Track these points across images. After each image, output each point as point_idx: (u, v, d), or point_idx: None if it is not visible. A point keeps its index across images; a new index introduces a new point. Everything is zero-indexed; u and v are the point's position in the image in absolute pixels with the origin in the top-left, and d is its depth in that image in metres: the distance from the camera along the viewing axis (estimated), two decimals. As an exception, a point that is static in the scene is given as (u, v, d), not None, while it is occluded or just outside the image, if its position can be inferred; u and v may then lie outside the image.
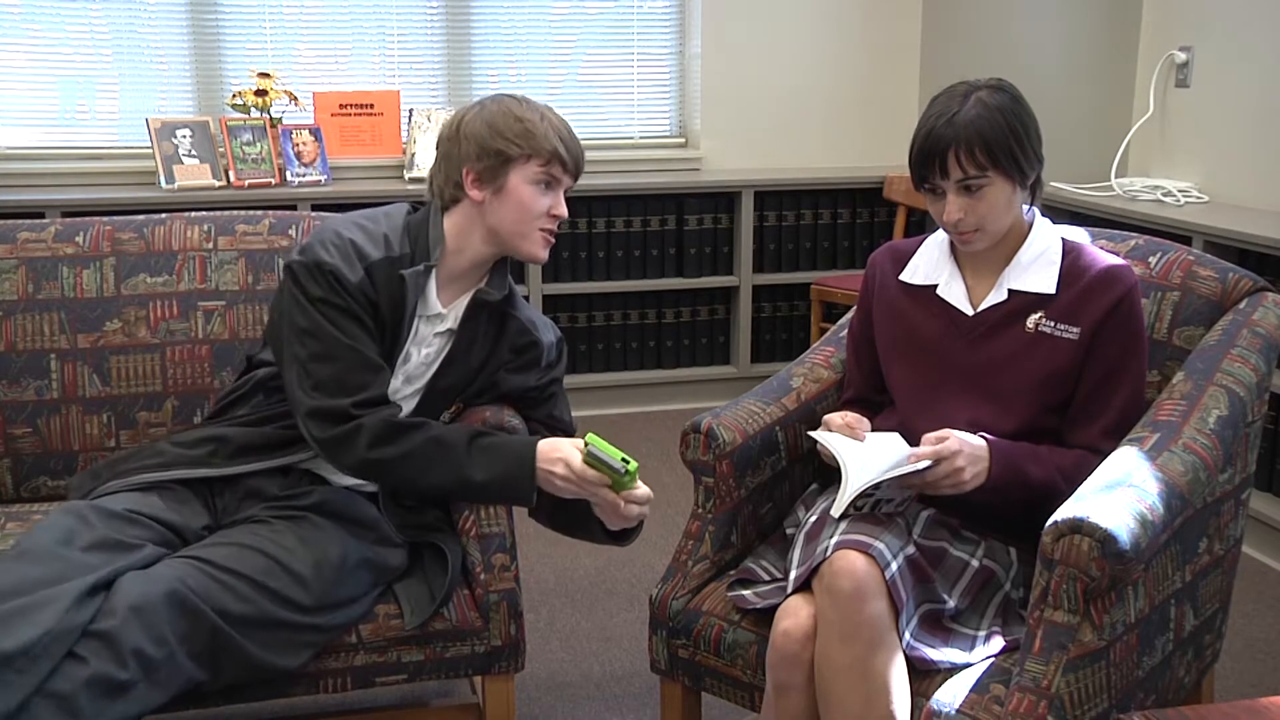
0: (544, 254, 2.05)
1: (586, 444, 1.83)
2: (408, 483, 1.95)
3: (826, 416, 1.96)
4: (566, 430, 2.21)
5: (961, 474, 1.80)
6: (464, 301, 2.07)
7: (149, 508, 1.90)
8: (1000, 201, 1.88)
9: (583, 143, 2.07)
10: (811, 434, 1.94)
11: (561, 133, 2.01)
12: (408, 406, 2.07)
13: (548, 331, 2.19)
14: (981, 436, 1.84)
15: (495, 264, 2.10)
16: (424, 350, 2.07)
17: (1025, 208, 1.96)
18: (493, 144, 1.97)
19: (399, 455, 1.90)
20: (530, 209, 1.99)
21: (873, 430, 1.97)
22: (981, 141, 1.84)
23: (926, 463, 1.79)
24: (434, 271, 2.03)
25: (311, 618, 1.88)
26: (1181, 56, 3.94)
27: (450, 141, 2.02)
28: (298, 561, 1.87)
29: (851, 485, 1.79)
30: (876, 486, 1.81)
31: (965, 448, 1.80)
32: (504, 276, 2.10)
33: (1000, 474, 1.82)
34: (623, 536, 2.03)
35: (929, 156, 1.86)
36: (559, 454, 1.88)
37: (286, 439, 2.03)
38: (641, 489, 1.89)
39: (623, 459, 1.83)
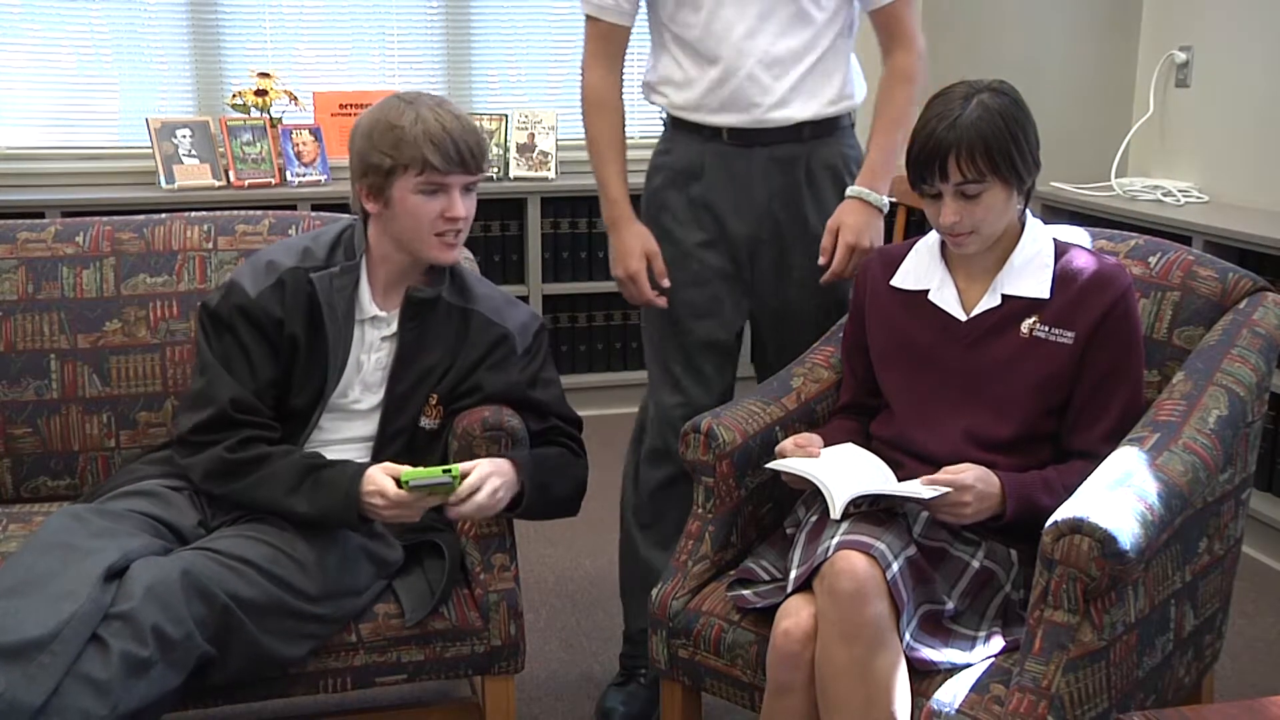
0: (450, 256, 2.04)
1: (405, 482, 1.85)
2: (251, 507, 1.95)
3: (778, 446, 1.96)
4: (573, 422, 2.20)
5: (964, 509, 1.79)
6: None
7: (140, 506, 1.93)
8: (996, 206, 1.88)
9: (582, 143, 2.07)
10: (769, 465, 1.94)
11: (434, 134, 1.94)
12: (371, 420, 2.08)
13: (518, 316, 2.16)
14: (997, 474, 1.82)
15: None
16: (374, 356, 2.08)
17: (1018, 208, 1.96)
18: (370, 159, 1.98)
19: (229, 491, 1.95)
20: (418, 218, 1.99)
21: (859, 444, 1.98)
22: (983, 146, 1.83)
23: (936, 491, 1.78)
24: (363, 273, 2.06)
25: (317, 606, 1.89)
26: (1181, 56, 3.94)
27: (350, 154, 2.05)
28: (301, 550, 1.89)
29: (837, 492, 1.79)
30: (878, 498, 1.82)
31: (978, 485, 1.79)
32: (441, 271, 2.10)
33: (1016, 511, 1.81)
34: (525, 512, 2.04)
35: (929, 159, 1.85)
36: (373, 486, 1.88)
37: None
38: (466, 493, 1.89)
39: (444, 470, 1.86)
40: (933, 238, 2.04)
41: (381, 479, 1.88)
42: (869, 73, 2.40)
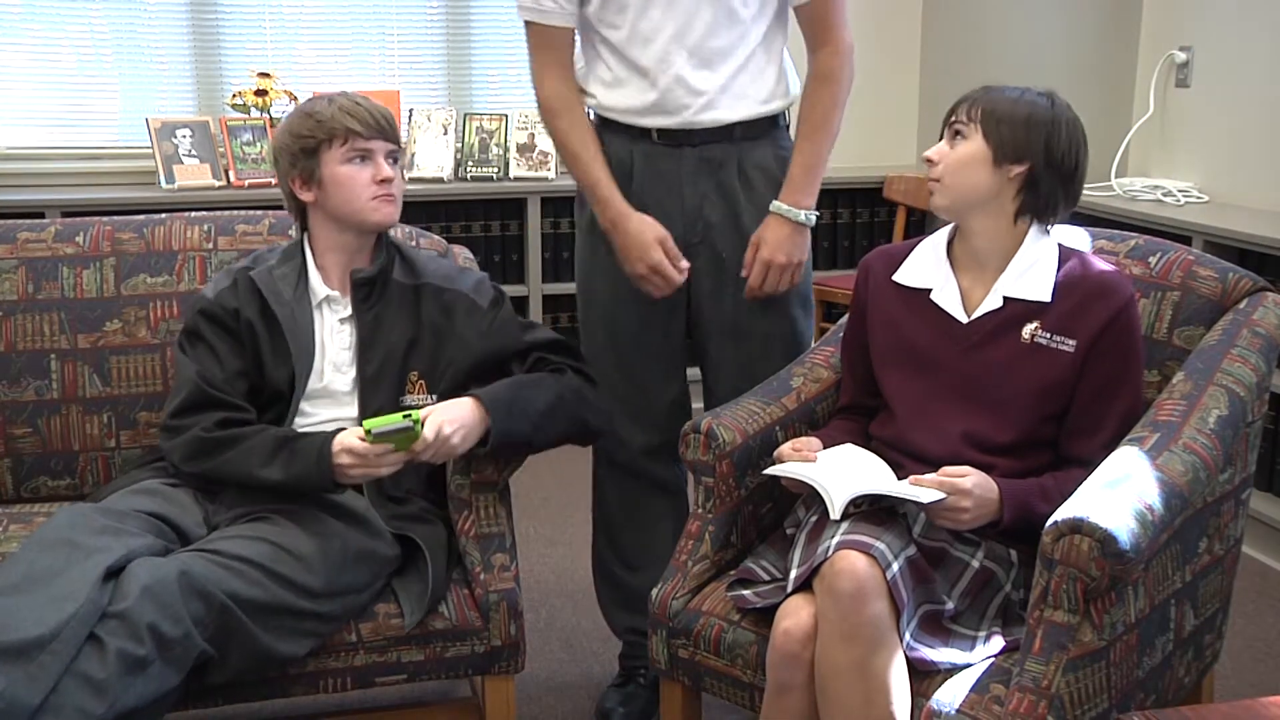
0: (391, 215, 2.14)
1: (368, 431, 1.89)
2: (228, 482, 2.01)
3: (776, 451, 1.96)
4: (568, 349, 2.22)
5: (963, 514, 1.79)
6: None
7: (144, 505, 1.95)
8: (968, 160, 1.90)
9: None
10: (767, 471, 1.94)
11: (349, 108, 2.10)
12: (352, 402, 2.12)
13: (468, 279, 2.22)
14: (995, 480, 1.82)
15: (376, 241, 2.19)
16: (336, 337, 2.14)
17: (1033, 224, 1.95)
18: (295, 146, 2.11)
19: (207, 468, 2.01)
20: (352, 186, 2.10)
21: (859, 445, 1.98)
22: (987, 103, 1.91)
23: (937, 495, 1.77)
24: (308, 260, 2.15)
25: (317, 604, 1.90)
26: (1181, 56, 3.94)
27: (274, 164, 2.18)
28: (304, 547, 1.90)
29: (836, 493, 1.79)
30: (877, 498, 1.82)
31: (977, 490, 1.79)
32: (380, 250, 2.18)
33: (1013, 518, 1.81)
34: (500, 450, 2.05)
35: (955, 102, 1.95)
36: (341, 445, 1.94)
37: None
38: (426, 425, 1.94)
39: (404, 416, 1.90)
40: (938, 236, 2.04)
41: (348, 437, 1.94)
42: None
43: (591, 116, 2.34)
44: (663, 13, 2.16)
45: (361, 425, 1.92)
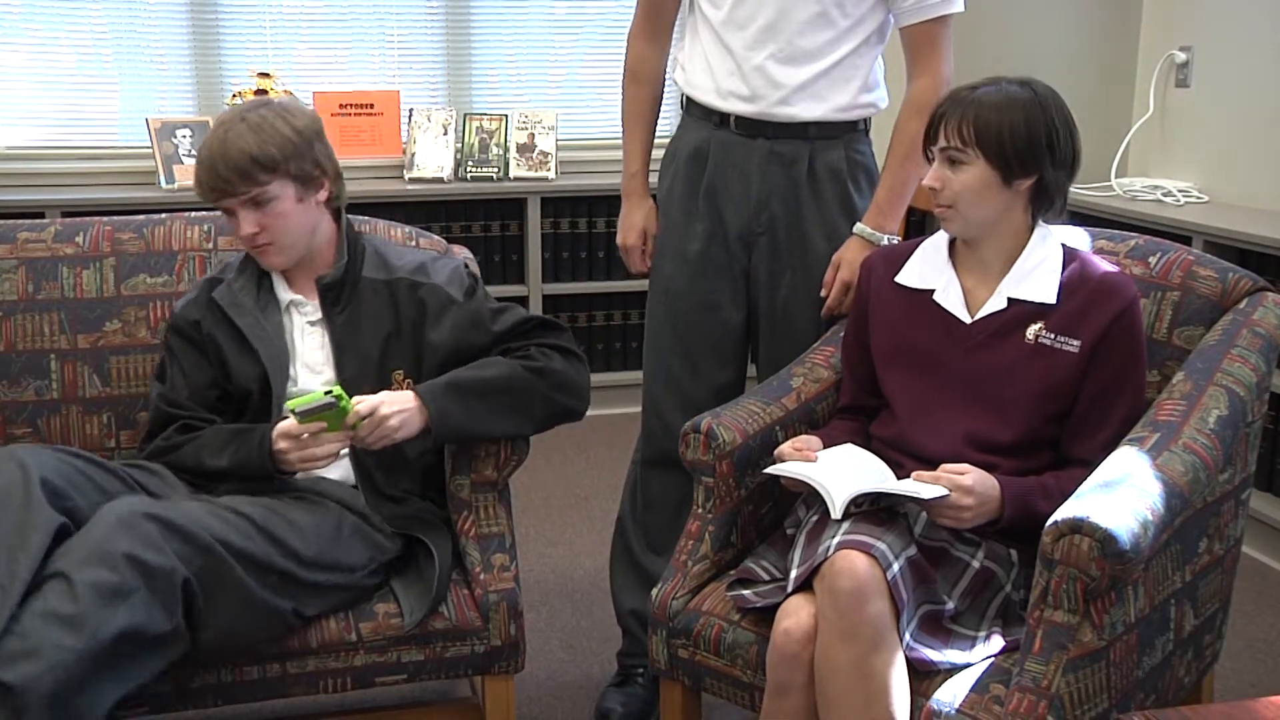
0: (273, 263, 2.13)
1: (293, 411, 1.90)
2: (199, 475, 2.04)
3: (776, 450, 1.96)
4: (543, 325, 2.22)
5: (964, 513, 1.79)
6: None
7: (130, 471, 1.97)
8: (974, 185, 1.88)
9: (582, 143, 2.07)
10: (767, 470, 1.94)
11: (197, 173, 2.07)
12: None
13: (442, 270, 2.19)
14: (997, 478, 1.82)
15: (336, 241, 2.18)
16: (307, 338, 2.15)
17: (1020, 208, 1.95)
18: None
19: (180, 463, 2.05)
20: (241, 240, 2.13)
21: (860, 445, 1.98)
22: (974, 119, 1.86)
23: (939, 492, 1.77)
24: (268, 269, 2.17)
25: (310, 573, 1.90)
26: (1181, 56, 3.94)
27: None
28: (298, 517, 1.92)
29: (836, 492, 1.79)
30: (877, 496, 1.82)
31: (979, 487, 1.79)
32: (342, 251, 2.16)
33: (1013, 516, 1.81)
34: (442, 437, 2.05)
35: (931, 121, 1.91)
36: (277, 432, 1.97)
37: None
38: (365, 402, 1.96)
39: (324, 392, 1.90)
40: (939, 238, 2.04)
41: (285, 423, 1.96)
42: (893, 89, 2.37)
43: (682, 99, 2.42)
44: (758, 3, 2.21)
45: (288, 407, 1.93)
